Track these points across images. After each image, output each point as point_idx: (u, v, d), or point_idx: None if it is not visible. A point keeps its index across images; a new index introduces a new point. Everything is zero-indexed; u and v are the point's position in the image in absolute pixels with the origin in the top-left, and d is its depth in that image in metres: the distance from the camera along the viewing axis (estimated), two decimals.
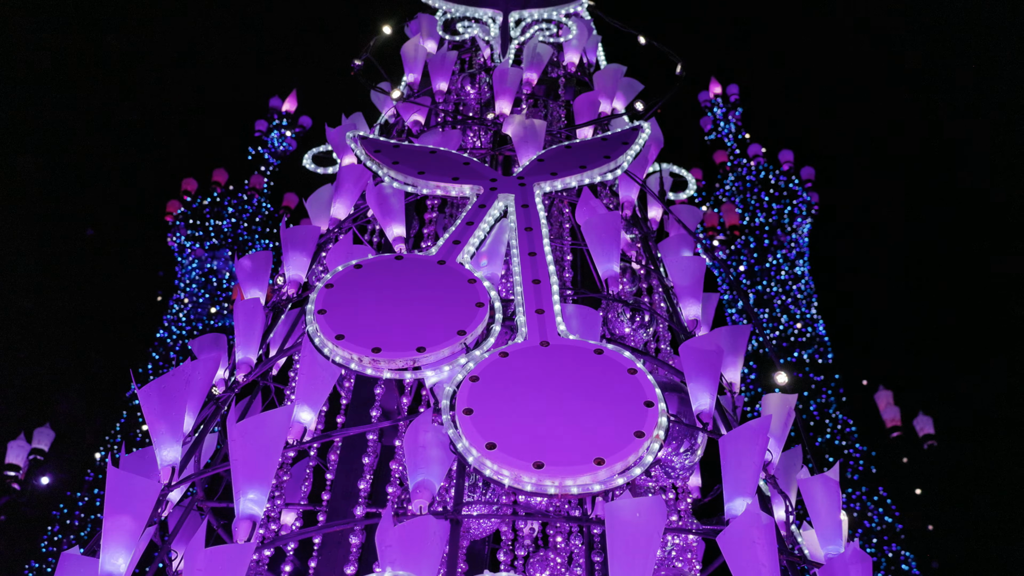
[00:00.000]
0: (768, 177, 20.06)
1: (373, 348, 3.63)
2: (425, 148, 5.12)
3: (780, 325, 17.96)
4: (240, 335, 4.44)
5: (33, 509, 18.34)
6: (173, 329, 17.25)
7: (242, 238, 18.54)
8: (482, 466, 3.18)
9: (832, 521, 4.04)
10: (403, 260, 4.19)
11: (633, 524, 2.97)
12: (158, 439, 3.85)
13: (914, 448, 16.11)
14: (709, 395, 4.11)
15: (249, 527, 3.15)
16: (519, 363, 3.58)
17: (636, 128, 5.29)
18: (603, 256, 4.60)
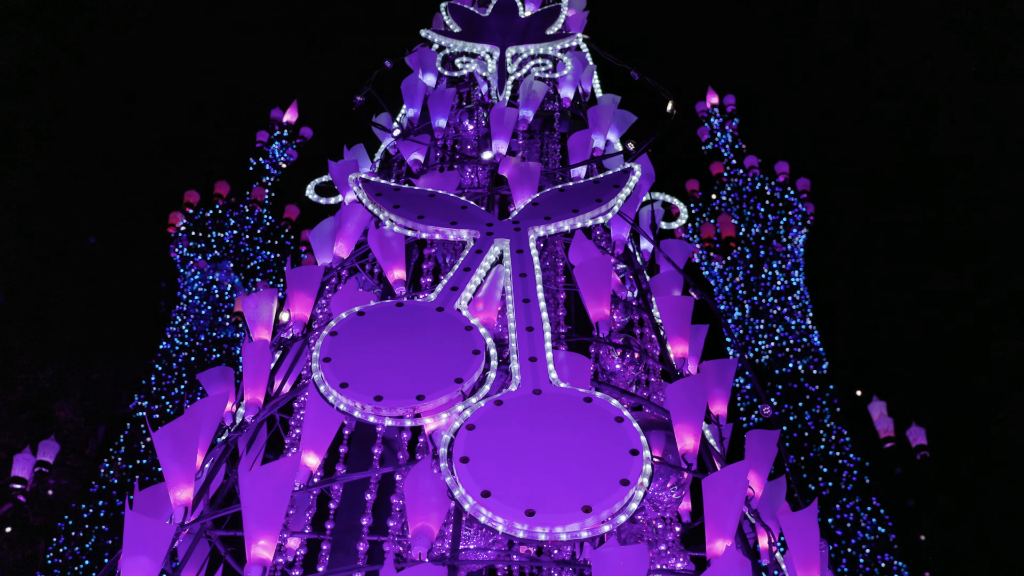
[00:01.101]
0: (764, 188, 20.28)
1: (375, 396, 3.85)
2: (424, 191, 5.34)
3: (775, 336, 18.19)
4: (248, 377, 4.66)
5: (38, 516, 18.55)
6: (176, 341, 17.46)
7: (244, 250, 18.74)
8: (478, 513, 3.40)
9: (810, 554, 4.27)
10: (403, 307, 4.40)
11: (617, 570, 3.19)
12: (172, 479, 4.07)
13: (907, 459, 16.32)
14: (693, 437, 4.34)
15: (260, 572, 3.37)
16: (513, 411, 3.80)
17: (627, 171, 5.50)
18: (594, 300, 4.82)
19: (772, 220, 19.88)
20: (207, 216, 18.89)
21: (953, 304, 20.44)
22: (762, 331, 18.39)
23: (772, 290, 18.91)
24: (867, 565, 14.72)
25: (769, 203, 20.11)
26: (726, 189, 20.52)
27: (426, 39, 7.53)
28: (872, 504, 15.53)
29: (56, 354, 20.98)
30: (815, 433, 16.56)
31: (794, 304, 18.69)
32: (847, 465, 16.05)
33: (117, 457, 15.72)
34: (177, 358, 17.22)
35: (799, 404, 17.09)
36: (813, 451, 16.26)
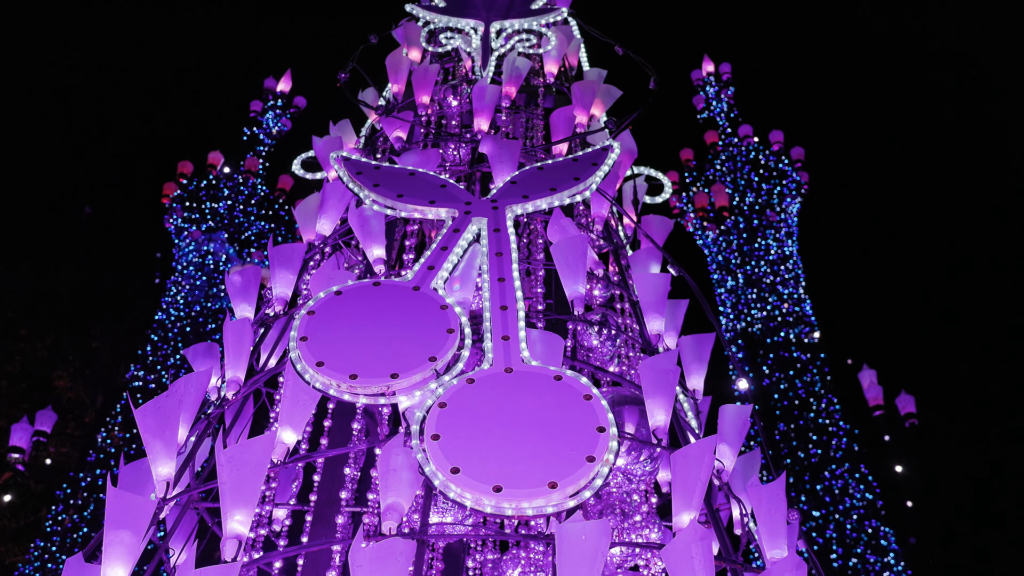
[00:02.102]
0: (758, 157, 20.29)
1: (350, 375, 3.95)
2: (405, 170, 5.40)
3: (768, 305, 18.31)
4: (230, 354, 4.76)
5: (39, 484, 18.81)
6: (171, 311, 17.57)
7: (238, 220, 18.79)
8: (447, 489, 3.51)
9: (776, 526, 4.39)
10: (380, 286, 4.49)
11: (580, 543, 3.31)
12: (153, 455, 4.17)
13: (896, 426, 16.51)
14: (664, 412, 4.44)
15: (236, 546, 3.49)
16: (484, 389, 3.90)
17: (606, 148, 5.56)
18: (570, 278, 4.90)
19: (766, 189, 19.93)
20: (201, 187, 18.90)
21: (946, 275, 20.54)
22: (755, 300, 18.52)
23: (765, 259, 19.00)
24: (854, 531, 14.96)
25: (763, 172, 20.13)
26: (720, 158, 20.53)
27: (411, 14, 7.53)
28: (860, 471, 15.75)
29: (54, 324, 21.12)
30: (805, 401, 16.74)
31: (787, 273, 18.80)
32: (837, 433, 16.25)
33: (114, 426, 15.91)
34: (173, 328, 17.34)
35: (790, 373, 17.26)
36: (803, 419, 16.45)
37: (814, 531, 15.05)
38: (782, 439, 16.24)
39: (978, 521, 17.33)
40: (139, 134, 22.64)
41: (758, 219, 19.52)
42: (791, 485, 15.60)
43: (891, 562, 14.60)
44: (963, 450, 18.12)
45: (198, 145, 19.48)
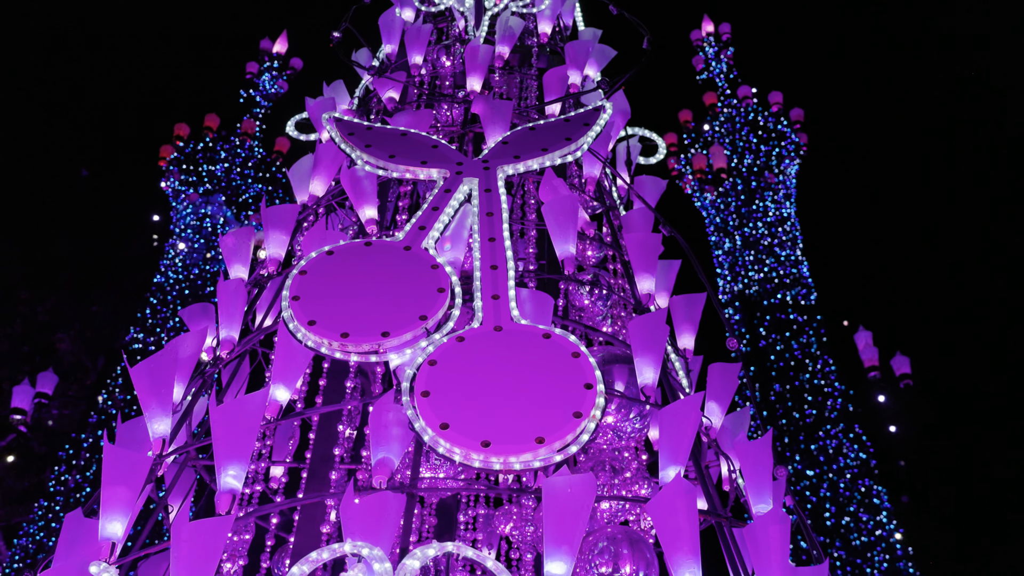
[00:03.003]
0: (757, 118, 20.19)
1: (342, 333, 4.00)
2: (396, 131, 5.40)
3: (765, 267, 18.34)
4: (223, 314, 4.81)
5: (42, 446, 19.00)
6: (170, 274, 17.62)
7: (235, 183, 18.76)
8: (436, 444, 3.58)
9: (762, 482, 4.47)
10: (372, 246, 4.53)
11: (565, 497, 3.38)
12: (149, 413, 4.25)
13: (891, 387, 16.64)
14: (653, 370, 4.51)
15: (229, 500, 3.57)
16: (474, 347, 3.95)
17: (598, 109, 5.56)
18: (560, 238, 4.94)
19: (765, 151, 19.86)
20: (198, 149, 18.84)
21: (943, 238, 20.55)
22: (752, 262, 18.55)
23: (763, 221, 18.99)
24: (847, 490, 15.14)
25: (762, 134, 20.05)
26: (719, 120, 20.43)
27: None
28: (855, 431, 15.90)
29: (54, 287, 21.18)
30: (801, 362, 16.84)
31: (784, 235, 18.80)
32: (832, 394, 16.38)
33: (115, 388, 16.03)
34: (171, 291, 17.40)
35: (786, 334, 17.35)
36: (798, 380, 16.56)
37: (808, 490, 15.23)
38: (777, 400, 16.37)
39: (969, 480, 17.54)
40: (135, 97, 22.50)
41: (756, 181, 19.48)
42: (786, 445, 15.76)
43: (883, 520, 14.79)
44: (956, 411, 18.28)
45: (194, 107, 19.39)
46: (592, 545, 4.16)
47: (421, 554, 3.06)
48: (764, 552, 3.94)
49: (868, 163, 22.80)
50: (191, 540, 3.20)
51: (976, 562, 16.32)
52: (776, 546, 3.91)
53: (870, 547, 14.59)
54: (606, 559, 4.12)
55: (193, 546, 3.18)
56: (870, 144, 22.55)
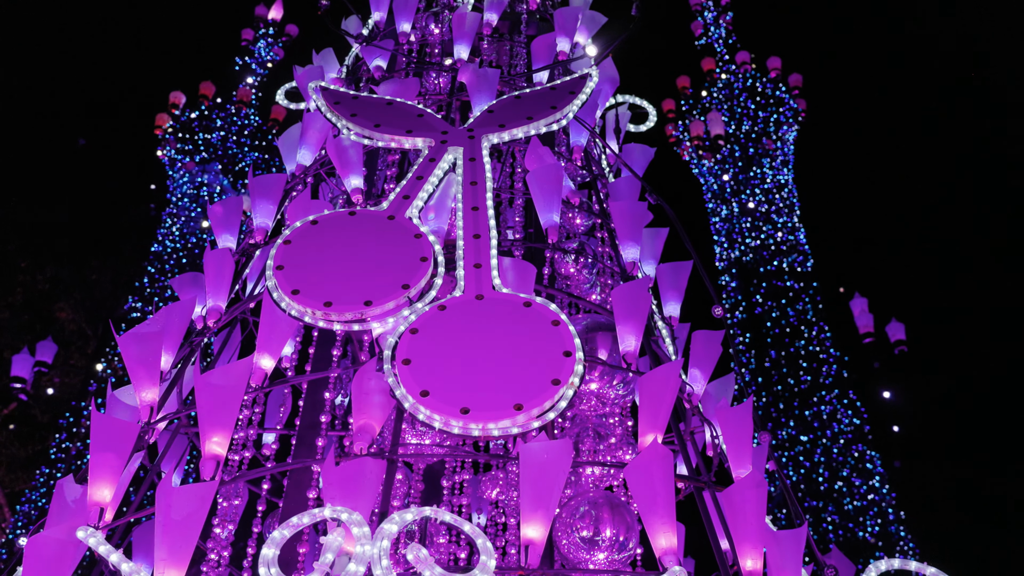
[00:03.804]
0: (755, 84, 20.08)
1: (325, 302, 4.04)
2: (382, 100, 5.41)
3: (761, 234, 18.34)
4: (210, 283, 4.86)
5: (44, 414, 19.15)
6: (167, 243, 17.65)
7: (231, 151, 18.71)
8: (416, 411, 3.64)
9: (743, 448, 4.53)
10: (356, 216, 4.56)
11: (542, 463, 3.45)
12: (137, 382, 4.31)
13: (885, 354, 16.72)
14: (635, 337, 4.55)
15: (213, 466, 3.64)
16: (455, 316, 4.00)
17: (584, 77, 5.55)
18: (545, 207, 4.96)
19: (763, 117, 19.77)
20: (193, 117, 18.78)
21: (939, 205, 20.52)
22: (749, 229, 18.55)
23: (760, 188, 18.96)
24: (841, 455, 15.28)
25: (760, 100, 19.94)
26: (717, 86, 20.31)
27: None
28: (849, 397, 16.00)
29: (53, 256, 21.21)
30: (797, 329, 16.92)
31: (781, 202, 18.78)
32: (827, 360, 16.47)
33: (114, 356, 16.13)
34: (169, 260, 17.44)
35: (782, 301, 17.40)
36: (794, 346, 16.64)
37: (802, 455, 15.37)
38: (773, 366, 16.46)
39: (962, 445, 17.69)
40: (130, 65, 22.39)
41: (754, 147, 19.42)
42: (781, 411, 15.88)
43: (876, 484, 14.95)
44: (950, 377, 18.39)
45: (189, 75, 19.28)
46: (574, 509, 4.23)
47: (399, 518, 3.13)
48: (741, 515, 4.01)
49: (866, 129, 22.70)
50: (176, 505, 3.27)
51: (969, 526, 16.51)
52: (752, 511, 3.98)
53: (863, 511, 14.75)
54: (587, 523, 4.19)
55: (177, 511, 3.25)
56: (869, 110, 22.44)
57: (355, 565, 3.00)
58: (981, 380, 18.14)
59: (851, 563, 4.88)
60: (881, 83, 22.65)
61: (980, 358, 18.39)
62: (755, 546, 3.99)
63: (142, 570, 3.20)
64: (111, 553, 3.27)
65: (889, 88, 22.33)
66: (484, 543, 3.13)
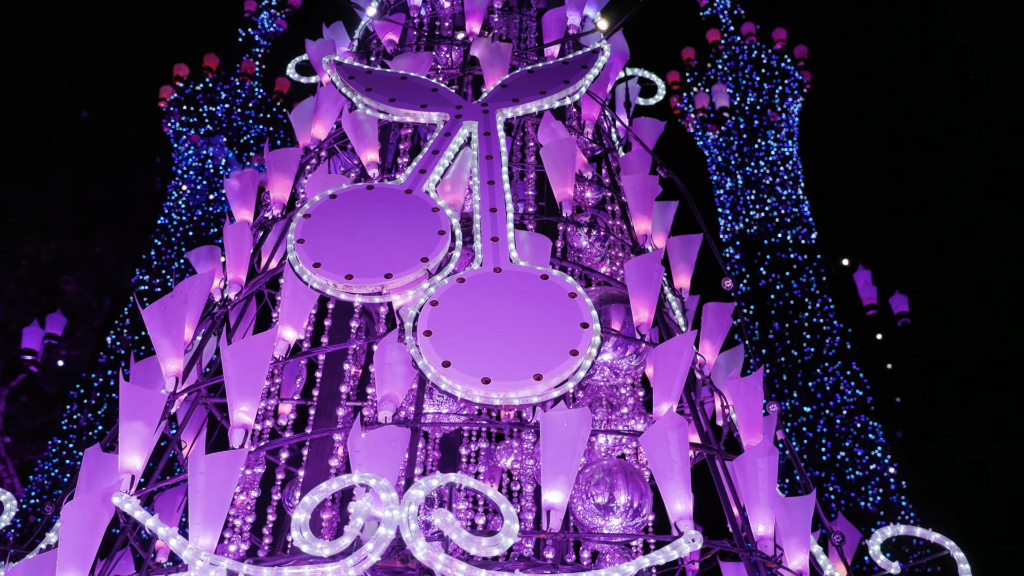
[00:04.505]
0: (760, 56, 20.01)
1: (346, 275, 4.13)
2: (396, 74, 5.46)
3: (766, 207, 18.39)
4: (231, 256, 4.94)
5: (52, 386, 19.32)
6: (173, 216, 17.71)
7: (236, 124, 18.71)
8: (438, 381, 3.74)
9: (753, 418, 4.64)
10: (374, 190, 4.63)
11: (562, 431, 3.55)
12: (162, 353, 4.41)
13: (889, 325, 16.83)
14: (648, 309, 4.64)
15: (242, 434, 3.74)
16: (474, 288, 4.09)
17: (596, 51, 5.60)
18: (558, 180, 5.03)
19: (768, 89, 19.73)
20: (197, 90, 18.76)
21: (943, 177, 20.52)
22: (753, 201, 18.59)
23: (765, 160, 18.97)
24: (843, 425, 15.44)
25: (765, 72, 19.89)
26: (723, 57, 20.25)
27: None
28: (852, 368, 16.13)
29: (58, 229, 21.27)
30: (801, 301, 17.01)
31: (786, 174, 18.80)
32: (830, 332, 16.58)
33: (123, 329, 16.26)
34: (176, 233, 17.51)
35: (786, 273, 17.49)
36: (798, 318, 16.75)
37: (805, 426, 15.53)
38: (777, 338, 16.58)
39: (965, 417, 17.85)
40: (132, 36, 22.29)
41: (759, 119, 19.40)
42: (784, 382, 16.01)
43: (878, 455, 15.12)
44: (953, 348, 18.51)
45: (193, 47, 19.22)
46: (589, 477, 4.34)
47: (425, 484, 3.24)
48: (753, 483, 4.13)
49: (871, 101, 22.64)
50: (207, 472, 3.38)
51: (969, 496, 16.71)
52: (763, 478, 4.10)
53: (864, 481, 14.94)
54: (602, 490, 4.30)
55: (209, 478, 3.36)
56: (874, 82, 22.37)
57: (385, 529, 3.11)
58: (983, 352, 18.26)
59: (856, 530, 5.01)
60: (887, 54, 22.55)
61: (982, 330, 18.50)
62: (766, 512, 4.11)
63: (176, 534, 3.31)
64: (147, 518, 3.38)
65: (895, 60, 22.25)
66: (507, 508, 3.23)
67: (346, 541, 3.12)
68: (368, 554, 3.10)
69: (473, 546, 3.14)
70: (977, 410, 17.81)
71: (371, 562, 3.11)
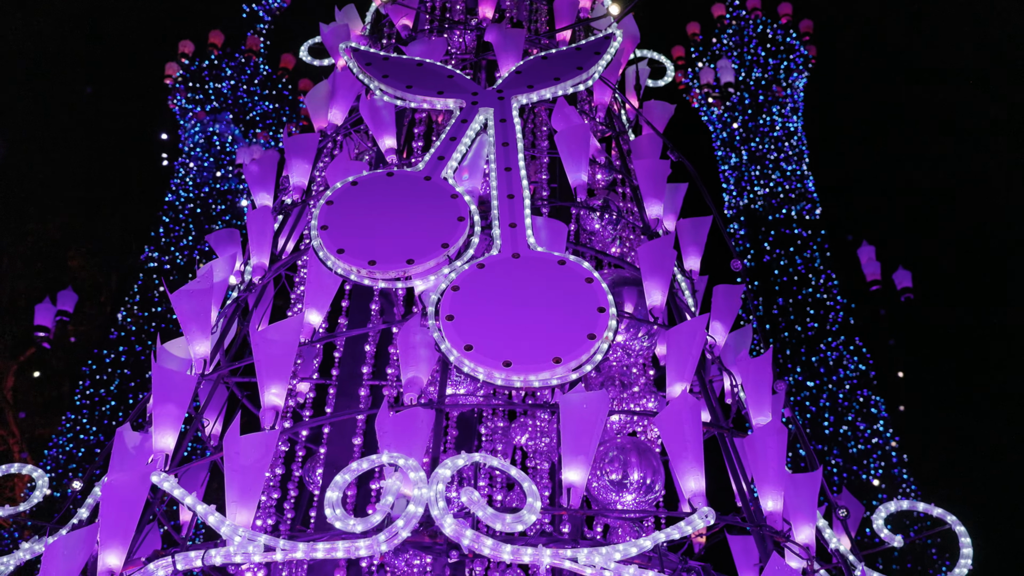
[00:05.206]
0: (766, 31, 19.98)
1: (369, 261, 4.26)
2: (412, 61, 5.55)
3: (770, 182, 18.46)
4: (254, 241, 5.07)
5: (60, 361, 19.50)
6: (180, 193, 17.81)
7: (242, 100, 18.75)
8: (461, 364, 3.88)
9: (762, 396, 4.79)
10: (394, 176, 4.75)
11: (581, 411, 3.70)
12: (190, 335, 4.55)
13: (892, 301, 16.95)
14: (661, 292, 4.78)
15: (273, 415, 3.90)
16: (494, 273, 4.22)
17: (608, 37, 5.69)
18: (573, 166, 5.14)
19: (773, 64, 19.72)
20: (203, 67, 18.78)
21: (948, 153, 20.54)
22: (758, 177, 18.65)
23: (769, 136, 19.01)
24: (846, 400, 15.63)
25: (770, 47, 19.88)
26: (727, 32, 20.23)
27: None
28: (855, 343, 16.29)
29: (63, 205, 21.34)
30: (804, 277, 17.14)
31: (790, 150, 18.86)
32: (834, 307, 16.72)
33: (133, 306, 16.43)
34: (183, 209, 17.62)
35: (790, 249, 17.60)
36: (801, 294, 16.89)
37: (808, 400, 15.71)
38: (780, 313, 16.73)
39: (966, 391, 18.02)
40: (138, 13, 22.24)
41: (764, 95, 19.41)
42: (788, 357, 16.18)
43: (880, 428, 15.32)
44: (955, 323, 18.66)
45: (198, 24, 19.21)
46: (603, 455, 4.50)
47: (452, 463, 3.39)
48: (762, 460, 4.28)
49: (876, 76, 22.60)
50: (242, 452, 3.53)
51: (969, 469, 16.92)
52: (773, 455, 4.25)
53: (866, 454, 15.15)
54: (616, 467, 4.46)
55: (244, 458, 3.51)
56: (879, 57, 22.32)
57: (414, 507, 3.26)
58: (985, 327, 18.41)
59: (860, 504, 5.18)
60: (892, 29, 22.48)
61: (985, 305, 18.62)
62: (775, 488, 4.27)
63: (214, 511, 3.47)
64: (185, 496, 3.54)
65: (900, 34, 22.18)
66: (530, 486, 3.38)
67: (377, 518, 3.27)
68: (399, 530, 3.26)
69: (498, 522, 3.29)
70: (979, 384, 17.98)
71: (402, 538, 3.26)
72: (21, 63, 21.45)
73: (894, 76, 21.99)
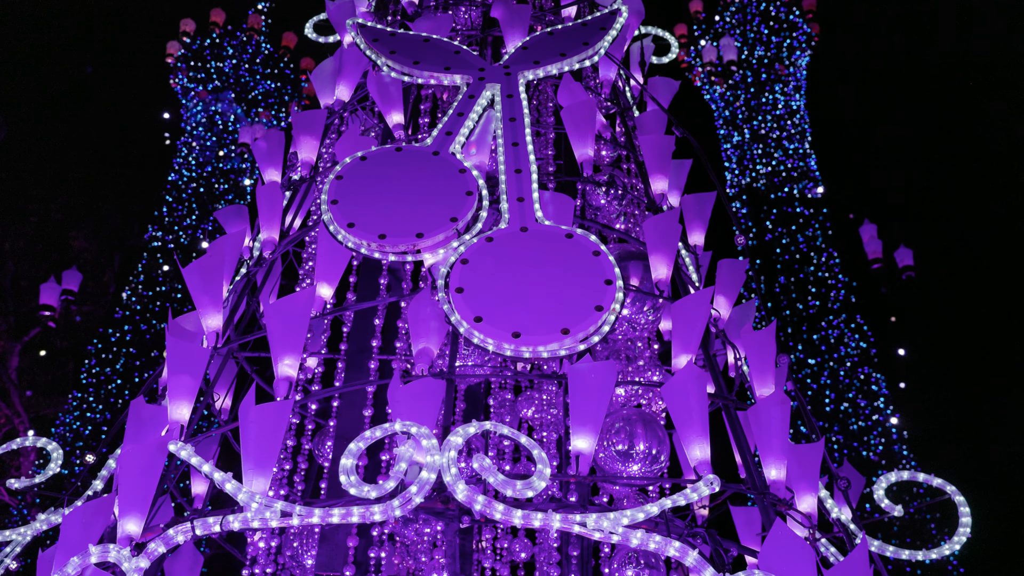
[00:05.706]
0: (768, 9, 19.91)
1: (379, 235, 4.32)
2: (419, 36, 5.58)
3: (772, 160, 18.46)
4: (263, 217, 5.13)
5: (64, 341, 19.60)
6: (183, 172, 17.82)
7: (244, 79, 18.72)
8: (471, 335, 3.94)
9: (766, 369, 4.86)
10: (402, 151, 4.79)
11: (589, 382, 3.76)
12: (203, 309, 4.62)
13: (893, 279, 16.98)
14: (666, 267, 4.84)
15: (287, 386, 3.96)
16: (502, 247, 4.28)
17: (614, 13, 5.71)
18: (579, 142, 5.19)
19: (776, 42, 19.66)
20: (205, 45, 18.74)
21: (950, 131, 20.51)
22: (760, 155, 18.65)
23: (772, 114, 18.99)
24: (847, 377, 15.71)
25: (773, 24, 19.80)
26: (730, 10, 20.15)
27: None
28: (856, 321, 16.36)
29: (65, 185, 21.36)
30: (806, 255, 17.18)
31: (793, 128, 18.84)
32: (835, 285, 16.77)
33: (137, 285, 16.49)
34: (186, 189, 17.64)
35: (792, 227, 17.63)
36: (803, 272, 16.94)
37: (809, 377, 15.79)
38: (782, 291, 16.78)
39: (966, 369, 18.11)
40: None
41: (766, 73, 19.37)
42: (789, 335, 16.25)
43: (880, 406, 15.41)
44: (957, 301, 18.72)
45: (199, 2, 19.13)
46: (609, 426, 4.57)
47: (463, 431, 3.46)
48: (766, 431, 4.36)
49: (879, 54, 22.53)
50: (258, 422, 3.60)
51: (970, 446, 17.03)
52: (776, 426, 4.33)
53: (867, 431, 15.24)
54: (622, 438, 4.53)
55: (260, 427, 3.58)
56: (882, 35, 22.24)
57: (427, 473, 3.34)
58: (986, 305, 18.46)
59: (860, 476, 5.27)
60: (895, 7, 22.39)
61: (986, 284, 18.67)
62: (779, 458, 4.35)
63: (231, 478, 3.55)
64: (203, 464, 3.61)
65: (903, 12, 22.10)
66: (540, 454, 3.46)
67: (391, 484, 3.35)
68: (412, 496, 3.34)
69: (509, 488, 3.36)
70: (979, 362, 18.07)
71: (415, 503, 3.34)
72: (22, 43, 21.41)
73: (898, 53, 21.92)
